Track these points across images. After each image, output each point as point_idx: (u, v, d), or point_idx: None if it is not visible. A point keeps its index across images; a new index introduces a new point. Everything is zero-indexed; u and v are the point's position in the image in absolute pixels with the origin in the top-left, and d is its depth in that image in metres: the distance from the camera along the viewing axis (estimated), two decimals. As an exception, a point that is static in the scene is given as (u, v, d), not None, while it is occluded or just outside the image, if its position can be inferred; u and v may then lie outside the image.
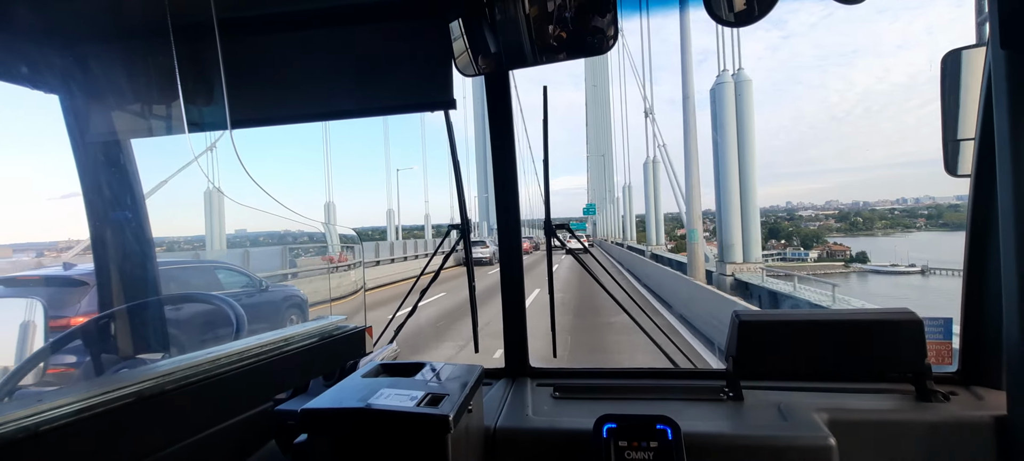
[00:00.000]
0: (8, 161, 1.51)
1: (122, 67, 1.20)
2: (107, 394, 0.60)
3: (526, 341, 1.54)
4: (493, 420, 1.22)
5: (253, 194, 0.97)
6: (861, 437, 1.12)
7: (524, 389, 1.41)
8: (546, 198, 1.56)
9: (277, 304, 5.14)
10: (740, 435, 1.12)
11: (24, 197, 2.85)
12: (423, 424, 0.89)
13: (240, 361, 0.77)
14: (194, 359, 0.74)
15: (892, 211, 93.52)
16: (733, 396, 1.27)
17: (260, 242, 7.88)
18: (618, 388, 1.40)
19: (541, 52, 1.36)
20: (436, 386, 1.03)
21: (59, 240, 7.64)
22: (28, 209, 3.48)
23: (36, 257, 5.79)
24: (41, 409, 0.54)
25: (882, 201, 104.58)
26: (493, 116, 1.44)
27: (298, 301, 5.04)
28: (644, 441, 1.01)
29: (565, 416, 1.25)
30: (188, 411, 0.70)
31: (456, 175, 1.57)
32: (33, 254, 6.01)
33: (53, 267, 3.80)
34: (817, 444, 1.06)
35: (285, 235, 6.80)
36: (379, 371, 1.16)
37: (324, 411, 0.95)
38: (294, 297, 5.23)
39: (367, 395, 0.98)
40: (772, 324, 1.28)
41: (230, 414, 0.79)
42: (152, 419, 0.64)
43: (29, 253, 6.09)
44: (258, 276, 5.75)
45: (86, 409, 0.57)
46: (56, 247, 6.59)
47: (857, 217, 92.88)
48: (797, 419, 1.13)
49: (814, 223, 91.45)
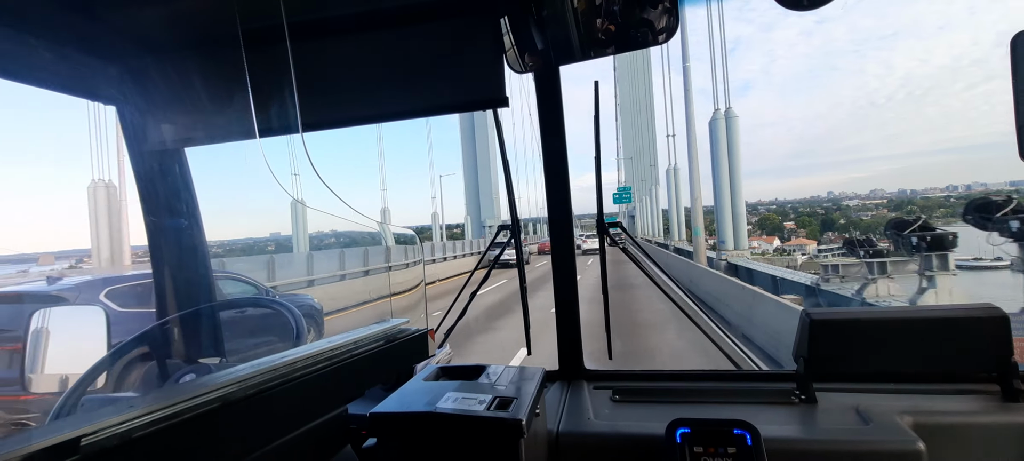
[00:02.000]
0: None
1: (188, 75, 1.25)
2: (194, 399, 0.61)
3: (581, 342, 1.53)
4: (555, 424, 1.21)
5: (318, 196, 1.00)
6: (948, 441, 1.08)
7: (581, 392, 1.41)
8: (599, 196, 1.54)
9: (285, 316, 5.11)
10: (819, 439, 1.08)
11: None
12: (496, 429, 0.90)
13: (314, 365, 0.79)
14: (270, 363, 0.75)
15: (948, 198, 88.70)
16: (805, 399, 1.23)
17: (329, 244, 8.09)
18: (680, 391, 1.38)
19: (589, 47, 1.35)
20: (502, 389, 1.03)
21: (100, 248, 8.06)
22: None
23: (71, 265, 6.11)
24: (133, 415, 0.55)
25: (930, 189, 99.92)
26: (543, 113, 1.44)
27: (311, 312, 5.02)
28: (722, 447, 0.98)
29: (628, 420, 1.24)
30: (268, 416, 0.71)
31: (506, 173, 1.57)
32: (74, 261, 6.37)
33: (36, 282, 3.75)
34: (905, 449, 1.02)
35: (343, 236, 6.99)
36: (439, 374, 1.17)
37: (393, 415, 0.96)
38: (305, 307, 5.23)
39: (433, 399, 0.99)
40: (845, 323, 1.24)
41: (308, 418, 0.81)
42: (237, 424, 0.66)
43: (71, 260, 6.45)
44: (265, 285, 5.79)
45: (176, 415, 0.58)
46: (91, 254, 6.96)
47: (911, 206, 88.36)
48: (879, 422, 1.09)
49: (866, 213, 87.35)
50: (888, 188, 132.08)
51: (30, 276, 4.07)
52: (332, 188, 0.97)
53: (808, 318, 1.22)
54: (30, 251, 4.86)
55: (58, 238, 6.97)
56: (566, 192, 1.49)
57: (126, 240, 6.11)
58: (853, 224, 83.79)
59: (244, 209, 1.44)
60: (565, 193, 1.49)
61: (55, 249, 5.21)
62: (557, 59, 1.37)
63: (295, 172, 1.04)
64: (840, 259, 11.08)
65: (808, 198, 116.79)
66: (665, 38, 1.32)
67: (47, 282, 3.54)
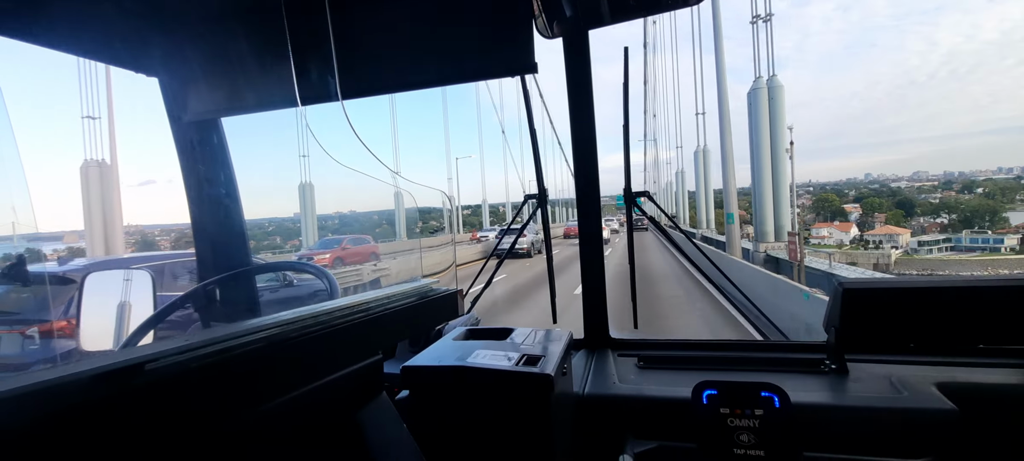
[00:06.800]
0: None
1: (229, 44, 1.34)
2: (243, 338, 0.68)
3: (606, 312, 1.60)
4: (581, 387, 1.29)
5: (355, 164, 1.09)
6: (985, 409, 1.10)
7: (607, 359, 1.47)
8: (627, 167, 1.59)
9: (302, 299, 5.26)
10: (850, 407, 1.11)
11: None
12: (525, 382, 0.98)
13: (352, 314, 0.86)
14: (312, 310, 0.83)
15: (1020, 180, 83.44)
16: (836, 368, 1.27)
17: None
18: (707, 359, 1.43)
19: (619, 10, 1.39)
20: (529, 348, 1.11)
21: (130, 225, 8.42)
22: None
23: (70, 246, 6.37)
24: (192, 345, 0.62)
25: (977, 171, 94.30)
26: (571, 81, 1.48)
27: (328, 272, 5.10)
28: (749, 408, 1.01)
29: (654, 385, 1.30)
30: (310, 358, 0.78)
31: (533, 142, 1.63)
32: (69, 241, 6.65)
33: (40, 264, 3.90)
34: (940, 413, 1.04)
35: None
36: (468, 335, 1.26)
37: (426, 368, 1.05)
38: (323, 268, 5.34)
39: (464, 355, 1.08)
40: (880, 292, 1.25)
41: (345, 363, 0.89)
42: (280, 364, 0.73)
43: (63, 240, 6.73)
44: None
45: (230, 349, 0.65)
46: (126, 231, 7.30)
47: (973, 189, 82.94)
48: (913, 390, 1.12)
49: (932, 196, 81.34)
50: (932, 170, 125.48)
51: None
52: (379, 157, 1.05)
53: (841, 287, 1.24)
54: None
55: (53, 219, 7.21)
56: (594, 161, 1.54)
57: (118, 223, 6.34)
58: (946, 207, 73.74)
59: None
60: (593, 162, 1.54)
61: (52, 230, 5.45)
62: (586, 23, 1.41)
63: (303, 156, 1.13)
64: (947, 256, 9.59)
65: (844, 180, 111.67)
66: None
67: (58, 263, 3.63)
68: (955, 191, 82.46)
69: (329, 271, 1.43)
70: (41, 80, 1.26)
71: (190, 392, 0.60)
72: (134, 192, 30.69)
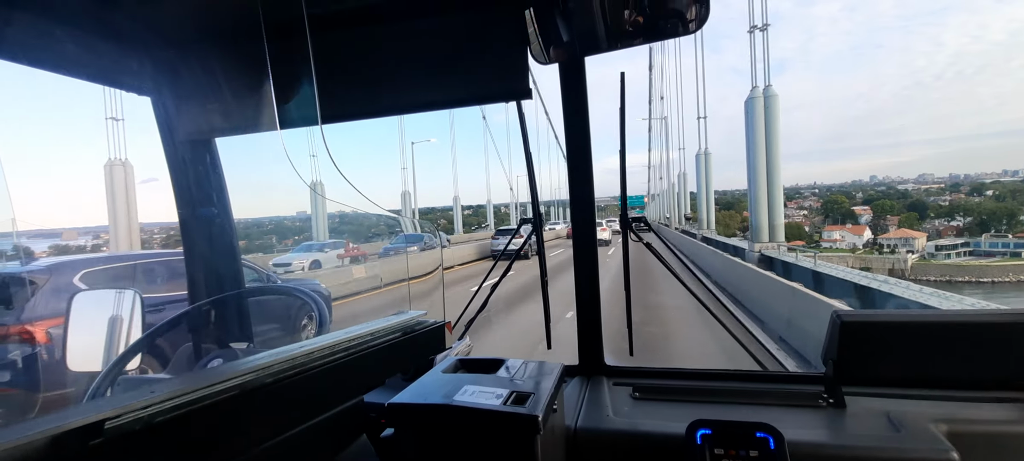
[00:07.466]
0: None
1: (214, 67, 1.33)
2: (214, 386, 0.66)
3: (601, 338, 1.58)
4: (573, 420, 1.27)
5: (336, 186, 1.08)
6: (984, 451, 1.09)
7: (601, 388, 1.46)
8: (623, 191, 1.57)
9: (289, 304, 5.16)
10: (848, 446, 1.10)
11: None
12: (512, 424, 0.96)
13: (332, 355, 0.85)
14: (289, 352, 0.80)
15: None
16: (834, 403, 1.25)
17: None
18: (703, 390, 1.42)
19: (616, 38, 1.37)
20: (520, 384, 1.09)
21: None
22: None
23: (94, 239, 6.41)
24: (155, 400, 0.59)
25: (984, 174, 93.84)
26: (567, 106, 1.47)
27: (321, 294, 4.99)
28: (744, 450, 1.00)
29: (648, 419, 1.29)
30: (286, 404, 0.76)
31: (528, 167, 1.61)
32: (91, 237, 6.69)
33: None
34: (938, 458, 1.03)
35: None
36: (458, 367, 1.24)
37: (410, 406, 1.04)
38: (314, 291, 5.24)
39: (451, 391, 1.06)
40: (878, 325, 1.25)
41: (324, 407, 0.88)
42: (255, 411, 0.71)
43: (88, 237, 6.78)
44: (265, 271, 5.86)
45: (196, 401, 0.63)
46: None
47: (981, 191, 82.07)
48: (911, 430, 1.10)
49: (939, 198, 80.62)
50: (937, 172, 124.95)
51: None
52: (348, 180, 1.03)
53: (838, 319, 1.23)
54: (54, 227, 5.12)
55: (78, 215, 7.21)
56: (589, 187, 1.53)
57: (134, 219, 6.42)
58: (959, 209, 71.62)
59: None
60: (588, 188, 1.53)
61: (78, 226, 5.45)
62: (582, 50, 1.39)
63: (315, 166, 1.12)
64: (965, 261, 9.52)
65: (849, 182, 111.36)
66: (696, 27, 1.32)
67: (20, 263, 3.48)
68: (963, 193, 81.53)
69: (320, 298, 1.42)
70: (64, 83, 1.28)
71: (154, 452, 0.58)
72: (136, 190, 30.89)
